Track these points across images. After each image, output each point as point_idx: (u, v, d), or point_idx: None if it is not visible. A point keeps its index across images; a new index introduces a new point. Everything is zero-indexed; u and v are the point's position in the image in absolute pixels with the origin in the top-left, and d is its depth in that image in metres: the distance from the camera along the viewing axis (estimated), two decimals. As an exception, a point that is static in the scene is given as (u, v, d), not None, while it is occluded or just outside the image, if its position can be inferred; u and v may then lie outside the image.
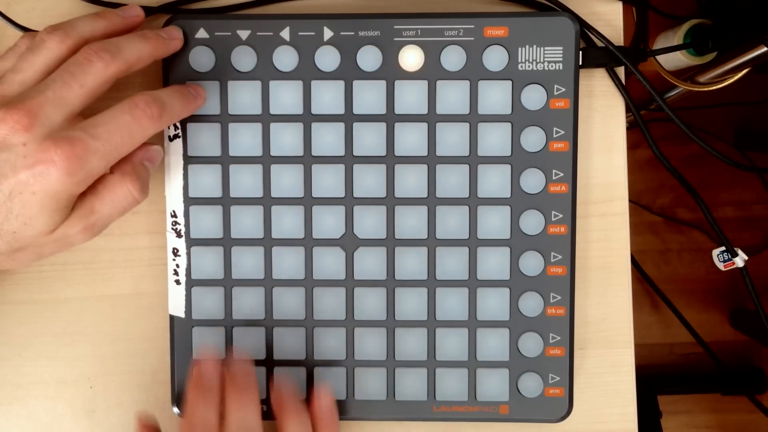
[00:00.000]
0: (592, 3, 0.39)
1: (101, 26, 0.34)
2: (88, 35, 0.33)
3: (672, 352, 1.14)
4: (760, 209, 1.11)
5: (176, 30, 0.36)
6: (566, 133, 0.37)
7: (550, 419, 0.39)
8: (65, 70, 0.31)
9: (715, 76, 0.62)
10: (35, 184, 0.29)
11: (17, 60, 0.33)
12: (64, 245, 0.33)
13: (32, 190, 0.29)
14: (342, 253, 0.38)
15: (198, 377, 0.36)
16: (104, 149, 0.31)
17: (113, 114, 0.31)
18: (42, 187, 0.29)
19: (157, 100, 0.32)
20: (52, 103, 0.30)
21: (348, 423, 0.39)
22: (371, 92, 0.37)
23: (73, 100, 0.31)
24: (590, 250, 0.39)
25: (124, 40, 0.33)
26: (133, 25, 0.36)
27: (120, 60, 0.32)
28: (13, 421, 0.40)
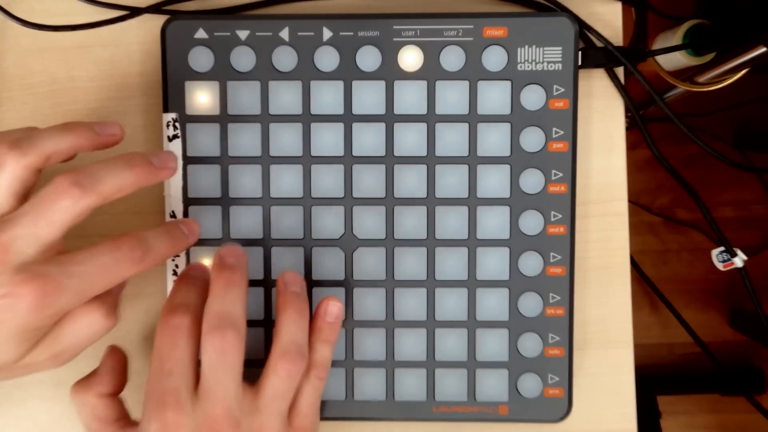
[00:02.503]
0: (591, 3, 0.39)
1: (67, 143, 0.32)
2: (50, 152, 0.31)
3: (671, 352, 1.14)
4: (759, 209, 1.11)
5: (171, 157, 0.34)
6: (565, 133, 0.37)
7: (549, 419, 0.39)
8: (33, 206, 0.30)
9: (714, 77, 0.62)
10: (2, 315, 0.29)
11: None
12: (33, 371, 0.32)
13: (0, 319, 0.29)
14: (341, 254, 0.38)
15: (186, 271, 0.35)
16: (78, 288, 0.30)
17: (93, 253, 0.30)
18: (9, 318, 0.29)
19: (141, 243, 0.31)
20: (23, 238, 0.29)
21: (348, 423, 0.39)
22: (370, 92, 0.37)
23: (45, 235, 0.29)
24: (590, 250, 0.39)
25: (105, 169, 0.31)
26: (107, 143, 0.33)
27: (95, 195, 0.30)
28: (13, 421, 0.40)
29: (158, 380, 0.31)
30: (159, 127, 0.38)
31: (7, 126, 0.39)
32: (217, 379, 0.31)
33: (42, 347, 0.31)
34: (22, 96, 0.39)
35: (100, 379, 0.35)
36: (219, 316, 0.32)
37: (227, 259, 0.34)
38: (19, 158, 0.31)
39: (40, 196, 0.30)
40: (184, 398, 0.31)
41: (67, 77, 0.39)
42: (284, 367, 0.33)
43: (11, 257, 0.29)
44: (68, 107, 0.39)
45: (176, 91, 0.37)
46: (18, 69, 0.39)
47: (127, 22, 0.39)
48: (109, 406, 0.35)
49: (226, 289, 0.33)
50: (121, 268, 0.31)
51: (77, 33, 0.39)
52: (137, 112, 0.39)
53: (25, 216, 0.30)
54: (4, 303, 0.28)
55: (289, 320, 0.34)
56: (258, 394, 0.33)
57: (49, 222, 0.30)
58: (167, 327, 0.32)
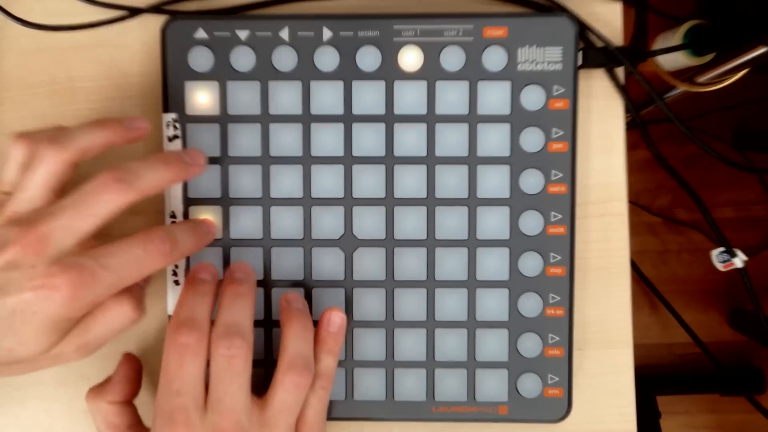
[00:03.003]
0: (591, 3, 0.39)
1: (101, 138, 0.33)
2: (86, 147, 0.32)
3: (671, 352, 1.14)
4: (759, 210, 1.12)
5: (200, 154, 0.35)
6: (565, 133, 0.37)
7: (549, 420, 0.39)
8: (79, 198, 0.31)
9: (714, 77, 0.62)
10: (37, 306, 0.29)
11: (19, 174, 0.32)
12: (59, 362, 0.32)
13: (33, 310, 0.29)
14: (341, 254, 0.38)
15: (193, 274, 0.35)
16: (112, 280, 0.30)
17: (126, 246, 0.31)
18: (43, 309, 0.29)
19: (171, 237, 0.32)
20: (63, 230, 0.30)
21: (347, 423, 0.39)
22: (370, 92, 0.37)
23: (84, 228, 0.30)
24: (589, 250, 0.39)
25: (144, 167, 0.32)
26: (137, 137, 0.35)
27: (136, 190, 0.31)
28: (13, 421, 0.40)
29: (167, 399, 0.32)
30: (159, 127, 0.38)
31: (7, 126, 0.39)
32: (225, 387, 0.32)
33: (71, 338, 0.31)
34: (22, 96, 0.39)
35: (113, 387, 0.36)
36: (226, 325, 0.33)
37: (236, 274, 0.35)
38: (58, 153, 0.32)
39: (84, 190, 0.31)
40: (193, 415, 0.32)
41: (67, 77, 0.39)
42: (292, 380, 0.33)
43: (48, 249, 0.30)
44: (68, 107, 0.39)
45: (176, 92, 0.37)
46: (18, 69, 0.39)
47: (127, 22, 0.39)
48: (122, 414, 0.36)
49: (234, 300, 0.34)
50: (151, 261, 0.32)
51: (77, 33, 0.39)
52: (137, 112, 0.39)
53: (67, 209, 0.30)
54: (40, 294, 0.29)
55: (294, 334, 0.35)
56: (266, 407, 0.33)
57: (90, 215, 0.31)
58: (174, 346, 0.32)
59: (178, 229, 0.34)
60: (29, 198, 0.32)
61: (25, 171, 0.32)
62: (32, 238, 0.29)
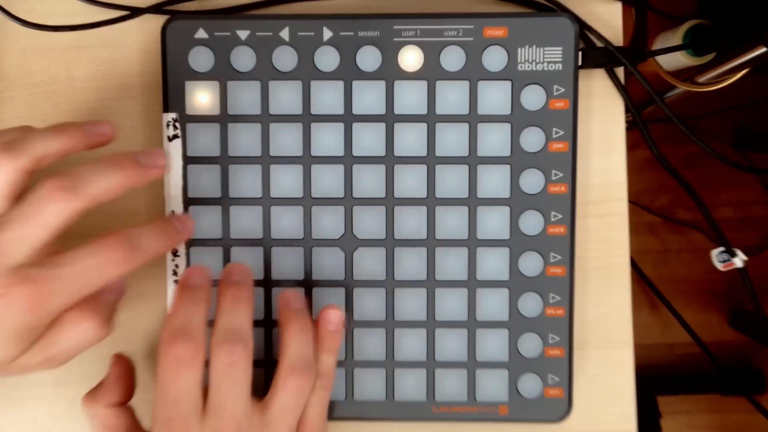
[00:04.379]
0: (591, 3, 0.39)
1: (59, 144, 0.32)
2: (42, 155, 0.31)
3: (671, 352, 1.14)
4: (759, 209, 1.12)
5: (159, 154, 0.34)
6: (566, 133, 0.37)
7: (549, 420, 0.39)
8: (22, 210, 0.30)
9: (714, 77, 0.62)
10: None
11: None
12: (28, 372, 0.32)
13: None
14: (341, 254, 0.38)
15: (184, 280, 0.34)
16: (67, 290, 0.29)
17: (81, 255, 0.30)
18: (4, 319, 0.29)
19: (127, 241, 0.31)
20: (15, 241, 0.29)
21: (347, 423, 0.39)
22: (371, 92, 0.37)
23: (35, 238, 0.29)
24: (590, 250, 0.39)
25: (93, 171, 0.31)
26: (99, 143, 0.33)
27: (84, 197, 0.30)
28: (13, 421, 0.40)
29: (164, 409, 0.31)
30: (159, 127, 0.38)
31: (7, 126, 0.39)
32: (226, 394, 0.32)
33: (35, 350, 0.31)
34: (22, 96, 0.39)
35: (107, 390, 0.36)
36: (227, 330, 0.32)
37: (234, 276, 0.35)
38: (11, 161, 0.31)
39: (29, 201, 0.30)
40: (192, 421, 0.31)
41: (67, 77, 0.39)
42: (293, 382, 0.33)
43: (3, 259, 0.29)
44: (68, 107, 0.39)
45: (176, 91, 0.37)
46: (18, 69, 0.39)
47: (127, 22, 0.39)
48: (119, 416, 0.35)
49: (233, 304, 0.33)
50: (109, 268, 0.30)
51: (77, 33, 0.39)
52: (137, 112, 0.39)
53: (15, 220, 0.30)
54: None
55: (294, 335, 0.34)
56: (267, 409, 0.33)
57: (39, 226, 0.30)
58: (169, 358, 0.31)
59: (141, 231, 0.32)
60: None
61: None
62: None
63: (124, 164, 0.32)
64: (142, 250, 0.31)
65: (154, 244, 0.32)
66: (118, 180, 0.31)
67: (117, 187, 0.31)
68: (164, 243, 0.33)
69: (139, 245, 0.31)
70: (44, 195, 0.30)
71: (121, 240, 0.31)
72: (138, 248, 0.31)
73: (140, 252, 0.31)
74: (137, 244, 0.31)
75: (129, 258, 0.31)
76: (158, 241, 0.33)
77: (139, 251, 0.31)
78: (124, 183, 0.32)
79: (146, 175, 0.33)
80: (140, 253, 0.31)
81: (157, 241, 0.33)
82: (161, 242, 0.33)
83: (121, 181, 0.31)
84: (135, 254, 0.31)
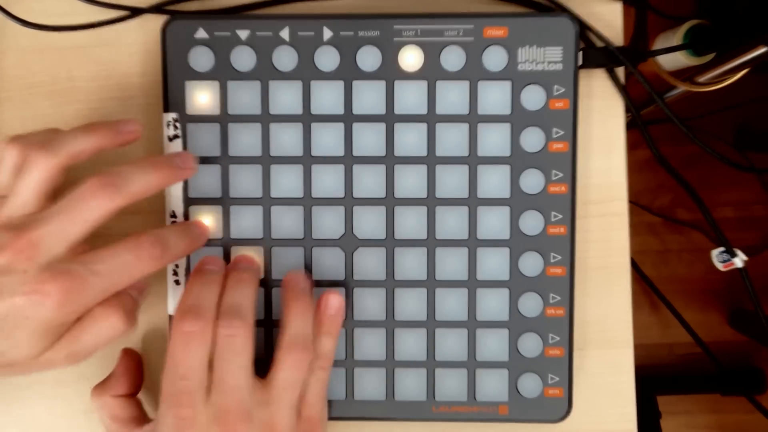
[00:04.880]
0: (591, 3, 0.39)
1: (91, 143, 0.33)
2: (76, 152, 0.33)
3: (671, 352, 1.14)
4: (759, 209, 1.12)
5: (191, 157, 0.35)
6: (566, 133, 0.37)
7: (549, 419, 0.39)
8: (68, 204, 0.31)
9: (714, 77, 0.62)
10: (29, 311, 0.30)
11: (11, 178, 0.32)
12: (49, 368, 0.32)
13: (25, 315, 0.30)
14: (341, 254, 0.38)
15: (200, 265, 0.36)
16: (101, 285, 0.31)
17: (116, 251, 0.31)
18: (35, 314, 0.30)
19: (161, 241, 0.33)
20: (53, 235, 0.30)
21: (347, 423, 0.39)
22: (371, 92, 0.37)
23: (74, 233, 0.31)
24: (590, 250, 0.39)
25: (133, 171, 0.32)
26: (127, 141, 0.35)
27: (125, 194, 0.32)
28: (13, 421, 0.40)
29: (172, 383, 0.32)
30: (159, 127, 0.38)
31: (7, 126, 0.39)
32: (226, 366, 0.32)
33: (61, 345, 0.32)
34: (22, 96, 0.39)
35: (116, 381, 0.37)
36: (228, 307, 0.33)
37: (240, 264, 0.36)
38: (47, 159, 0.32)
39: (73, 196, 0.31)
40: (198, 396, 0.32)
41: (67, 77, 0.39)
42: (292, 357, 0.34)
43: (40, 255, 0.30)
44: (68, 107, 0.39)
45: (176, 91, 0.37)
46: (18, 69, 0.39)
47: (127, 22, 0.39)
48: (126, 407, 0.37)
49: (236, 284, 0.35)
50: (141, 266, 0.32)
51: (77, 33, 0.39)
52: (137, 112, 0.39)
53: (57, 214, 0.31)
54: (31, 300, 0.29)
55: (295, 314, 0.35)
56: (268, 386, 0.34)
57: (81, 221, 0.31)
58: (180, 332, 0.33)
59: (169, 232, 0.34)
60: (21, 203, 0.32)
61: (17, 176, 0.32)
62: (24, 243, 0.30)
63: (159, 165, 0.34)
64: (170, 251, 0.33)
65: (181, 245, 0.34)
66: (155, 179, 0.33)
67: (153, 186, 0.33)
68: (188, 245, 0.35)
69: (168, 245, 0.33)
70: (86, 191, 0.31)
71: (154, 240, 0.32)
72: (168, 248, 0.33)
73: (169, 252, 0.33)
74: (167, 244, 0.33)
75: (159, 257, 0.32)
76: (184, 242, 0.35)
77: (168, 251, 0.33)
78: (160, 182, 0.33)
79: (180, 175, 0.35)
80: (169, 253, 0.33)
81: (183, 242, 0.34)
82: (186, 244, 0.35)
83: (157, 180, 0.33)
84: (165, 254, 0.33)
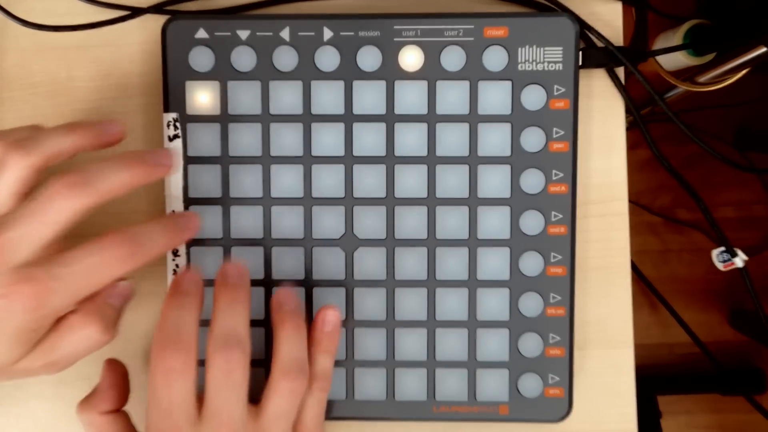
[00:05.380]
0: (591, 3, 0.39)
1: (70, 143, 0.32)
2: (53, 153, 0.31)
3: (671, 352, 1.14)
4: (759, 209, 1.12)
5: (166, 154, 0.34)
6: (566, 133, 0.37)
7: (549, 419, 0.39)
8: (30, 207, 0.30)
9: (714, 77, 0.62)
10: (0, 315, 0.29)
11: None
12: (30, 375, 0.32)
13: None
14: (342, 254, 0.38)
15: (175, 286, 0.33)
16: (66, 290, 0.29)
17: (79, 254, 0.30)
18: (5, 319, 0.29)
19: (129, 240, 0.30)
20: (22, 239, 0.29)
21: (348, 423, 0.39)
22: (371, 92, 0.37)
23: (43, 236, 0.29)
24: (590, 250, 0.39)
25: (101, 169, 0.31)
26: (110, 142, 0.33)
27: (92, 194, 0.30)
28: (13, 421, 0.40)
29: (158, 420, 0.31)
30: (159, 127, 0.38)
31: (7, 126, 0.39)
32: (224, 401, 0.31)
33: (37, 354, 0.31)
34: (22, 96, 0.39)
35: (101, 397, 0.35)
36: (224, 334, 0.32)
37: (230, 279, 0.34)
38: (22, 158, 0.31)
39: (37, 198, 0.30)
40: (186, 430, 0.31)
41: (67, 77, 0.39)
42: (286, 386, 0.33)
43: (8, 258, 0.29)
44: (68, 107, 0.39)
45: (177, 91, 0.37)
46: (18, 69, 0.39)
47: (128, 22, 0.39)
48: (115, 422, 0.35)
49: (230, 306, 0.33)
50: (110, 267, 0.30)
51: (77, 33, 0.39)
52: (137, 112, 0.39)
53: (22, 217, 0.30)
54: (1, 303, 0.28)
55: (287, 337, 0.34)
56: (261, 414, 0.33)
57: (46, 223, 0.29)
58: (160, 368, 0.31)
59: (145, 228, 0.32)
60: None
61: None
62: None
63: (130, 163, 0.32)
64: (145, 248, 0.31)
65: (159, 242, 0.32)
66: (125, 178, 0.31)
67: (124, 184, 0.31)
68: (169, 241, 0.33)
69: (142, 243, 0.31)
70: (52, 192, 0.30)
71: (124, 238, 0.30)
72: (141, 246, 0.31)
73: (143, 250, 0.31)
74: (140, 242, 0.31)
75: (131, 256, 0.30)
76: (163, 238, 0.32)
77: (142, 249, 0.31)
78: (131, 181, 0.31)
79: (152, 173, 0.33)
80: (143, 251, 0.31)
81: (161, 239, 0.32)
82: (165, 240, 0.32)
83: (127, 179, 0.31)
84: (138, 252, 0.31)
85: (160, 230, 0.32)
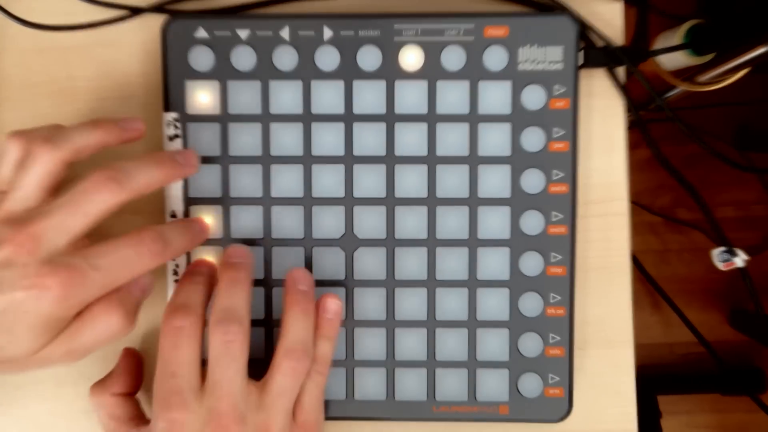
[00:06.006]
0: (592, 3, 0.39)
1: (96, 138, 0.33)
2: (80, 147, 0.33)
3: (672, 352, 1.14)
4: (759, 209, 1.11)
5: (193, 155, 0.36)
6: (566, 133, 0.37)
7: (549, 419, 0.39)
8: (71, 198, 0.31)
9: (714, 76, 0.62)
10: (28, 305, 0.29)
11: (14, 173, 0.32)
12: (47, 365, 0.32)
13: (24, 309, 0.29)
14: (342, 254, 0.38)
15: (191, 267, 0.37)
16: (102, 280, 0.31)
17: (117, 246, 0.31)
18: (34, 308, 0.29)
19: (162, 237, 0.32)
20: (54, 229, 0.30)
21: (348, 423, 0.39)
22: (371, 92, 0.37)
23: (76, 227, 0.31)
24: (590, 250, 0.39)
25: (136, 166, 0.32)
26: (131, 138, 0.35)
27: (128, 189, 0.32)
28: (13, 421, 0.40)
29: (163, 382, 0.32)
30: (159, 126, 0.38)
31: (7, 126, 0.39)
32: (222, 371, 0.32)
33: (59, 341, 0.31)
34: (22, 96, 0.39)
35: (116, 380, 0.37)
36: (223, 311, 0.33)
37: (234, 259, 0.36)
38: (51, 152, 0.32)
39: (77, 190, 0.31)
40: (189, 397, 0.32)
41: (67, 77, 0.39)
42: (289, 365, 0.34)
43: (40, 249, 0.30)
44: (68, 107, 0.39)
45: (177, 91, 0.37)
46: (18, 69, 0.39)
47: (127, 22, 0.39)
48: (124, 406, 0.37)
49: (231, 285, 0.34)
50: (142, 261, 0.32)
51: (77, 33, 0.39)
52: (137, 111, 0.39)
53: (59, 208, 0.31)
54: (30, 294, 0.29)
55: (295, 319, 0.35)
56: (264, 391, 0.34)
57: (83, 214, 0.31)
58: (170, 329, 0.33)
59: (170, 228, 0.34)
60: (23, 197, 0.32)
61: (19, 170, 0.32)
62: (25, 237, 0.30)
63: (163, 161, 0.34)
64: (171, 247, 0.33)
65: (181, 242, 0.34)
66: (158, 175, 0.33)
67: (156, 182, 0.33)
68: (189, 241, 0.35)
69: (169, 241, 0.33)
70: (88, 185, 0.31)
71: (155, 235, 0.32)
72: (168, 244, 0.33)
73: (170, 248, 0.33)
74: (168, 240, 0.33)
75: (160, 253, 0.32)
76: (184, 238, 0.34)
77: (169, 247, 0.33)
78: (162, 179, 0.34)
79: (182, 173, 0.35)
80: (170, 249, 0.33)
81: (183, 239, 0.34)
82: (186, 240, 0.35)
83: (160, 176, 0.33)
84: (166, 250, 0.33)
85: (183, 231, 0.35)
